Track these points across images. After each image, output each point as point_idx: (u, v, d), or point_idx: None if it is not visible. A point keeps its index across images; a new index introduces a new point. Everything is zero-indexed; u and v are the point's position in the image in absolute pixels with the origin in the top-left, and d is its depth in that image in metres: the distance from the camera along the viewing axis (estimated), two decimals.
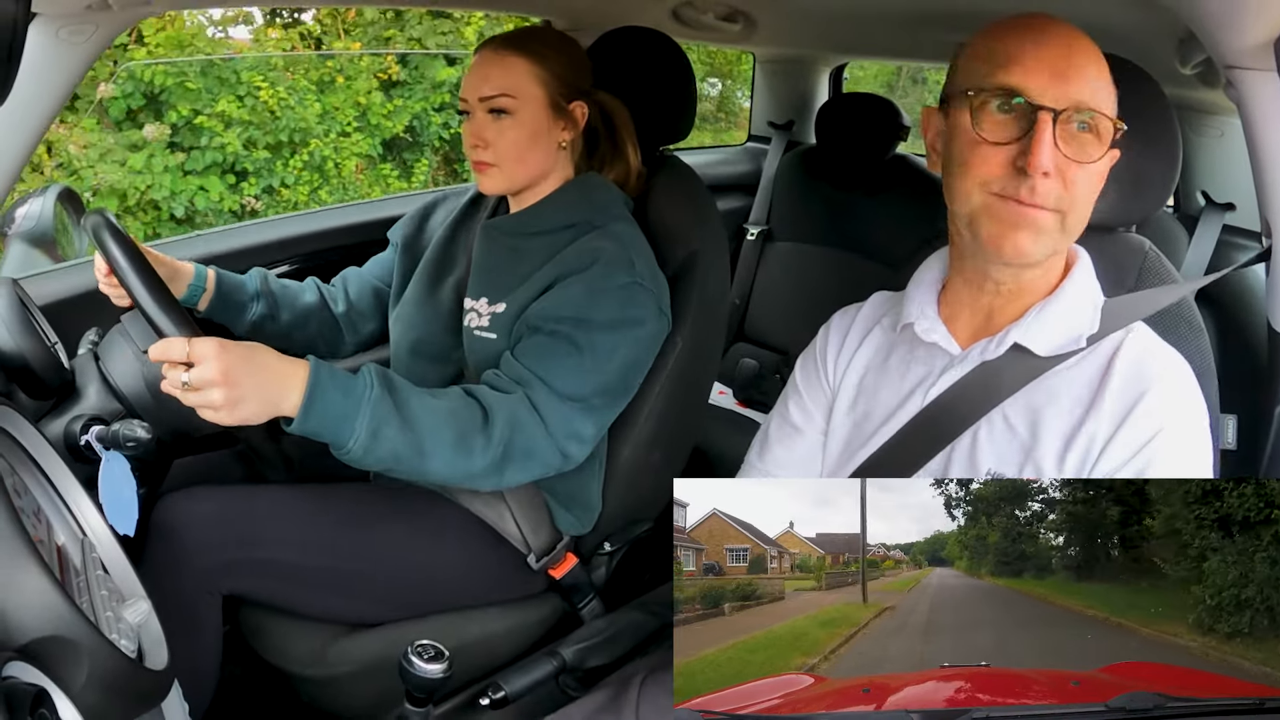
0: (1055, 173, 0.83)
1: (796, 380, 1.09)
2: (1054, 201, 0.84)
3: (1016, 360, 0.91)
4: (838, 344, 1.06)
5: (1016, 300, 0.93)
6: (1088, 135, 0.84)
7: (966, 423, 0.92)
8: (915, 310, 0.98)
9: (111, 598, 0.86)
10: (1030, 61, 0.83)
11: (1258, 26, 0.92)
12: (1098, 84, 0.85)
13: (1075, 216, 0.87)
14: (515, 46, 1.29)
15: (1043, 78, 0.83)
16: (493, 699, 1.17)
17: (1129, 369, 0.88)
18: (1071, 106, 0.83)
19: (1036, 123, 0.82)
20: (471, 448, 1.13)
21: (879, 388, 1.01)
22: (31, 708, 0.62)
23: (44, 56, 1.11)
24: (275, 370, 1.01)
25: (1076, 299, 0.92)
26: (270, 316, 1.45)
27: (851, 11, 1.98)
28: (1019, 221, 0.85)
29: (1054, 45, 0.84)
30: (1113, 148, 0.87)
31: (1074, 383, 0.90)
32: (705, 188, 1.49)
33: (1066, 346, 0.90)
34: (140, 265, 1.04)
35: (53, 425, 1.11)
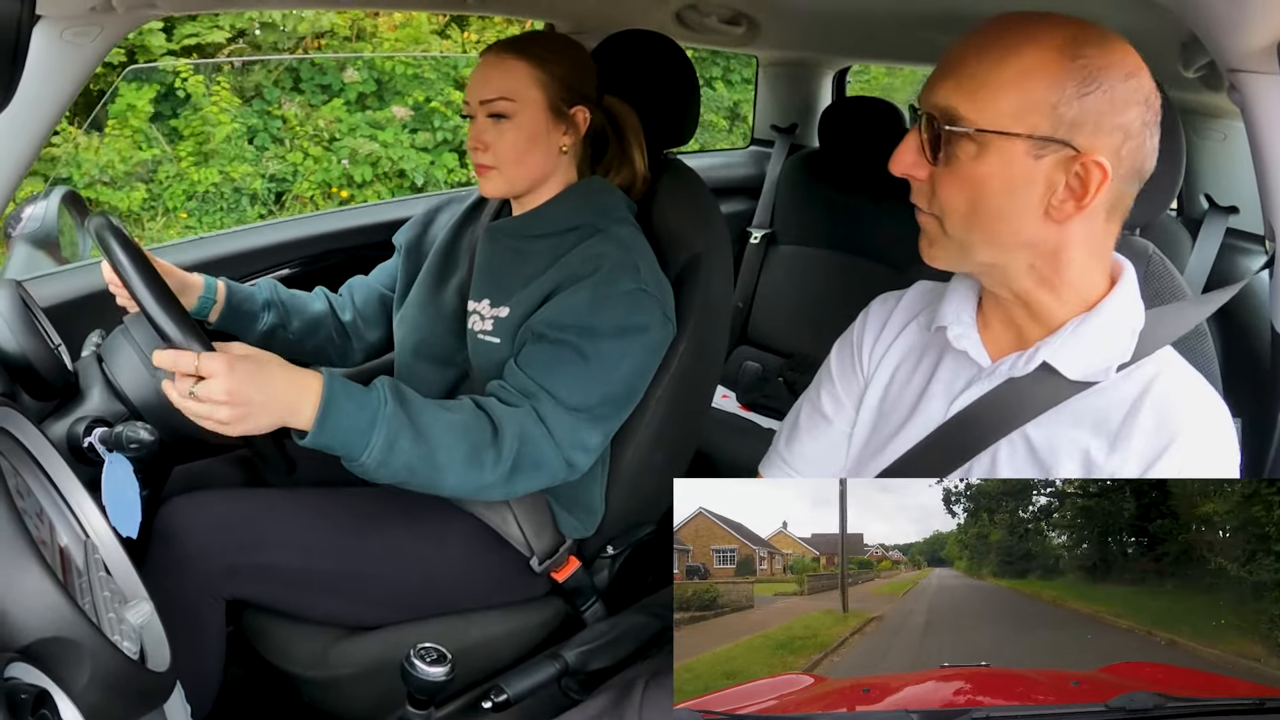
0: (926, 176, 0.84)
1: (831, 367, 1.06)
2: (926, 204, 0.86)
3: (1044, 380, 0.87)
4: (875, 332, 1.03)
5: (1044, 316, 0.88)
6: (958, 140, 0.81)
7: (988, 440, 0.89)
8: (951, 314, 0.94)
9: (114, 599, 0.86)
10: (934, 72, 0.84)
11: (1261, 30, 0.91)
12: (984, 85, 0.79)
13: (955, 224, 0.84)
14: (516, 50, 1.29)
15: (929, 85, 0.83)
16: (495, 702, 1.16)
17: (1162, 409, 0.83)
18: (938, 110, 0.81)
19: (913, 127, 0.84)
20: (483, 461, 1.13)
21: (907, 387, 0.98)
22: (33, 709, 0.63)
23: (48, 58, 1.12)
24: (286, 384, 1.01)
25: (1114, 319, 0.86)
26: (281, 326, 1.46)
27: (855, 15, 1.98)
28: (919, 224, 0.88)
29: (954, 48, 0.83)
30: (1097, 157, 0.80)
31: (1103, 412, 0.86)
32: (708, 191, 1.49)
33: (1095, 375, 0.86)
34: (144, 267, 1.04)
35: (56, 427, 1.11)
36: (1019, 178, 0.80)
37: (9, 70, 0.58)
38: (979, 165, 0.81)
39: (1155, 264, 1.05)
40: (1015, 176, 0.80)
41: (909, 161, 0.85)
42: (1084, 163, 0.79)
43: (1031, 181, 0.80)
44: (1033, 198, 0.81)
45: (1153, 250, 1.06)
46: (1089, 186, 0.80)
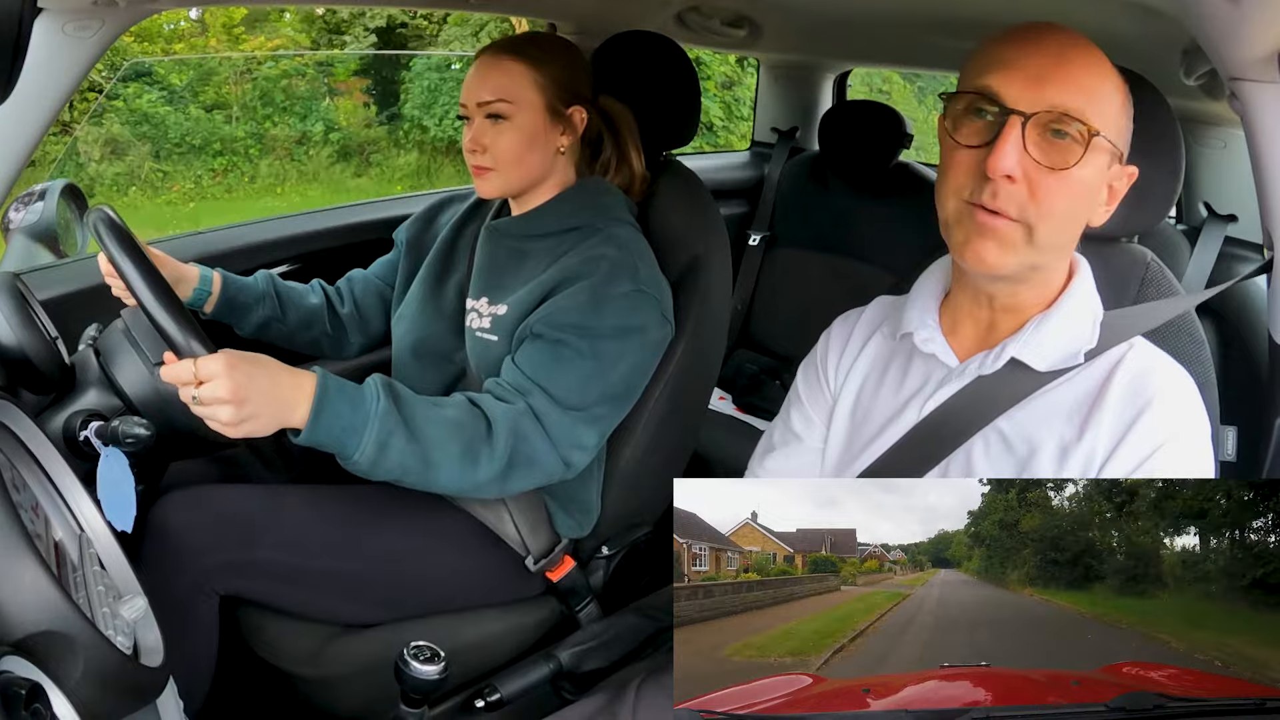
0: (1022, 179, 0.80)
1: (799, 388, 1.09)
2: (1017, 210, 0.81)
3: (1014, 375, 0.89)
4: (839, 350, 1.05)
5: (1015, 314, 0.91)
6: (1066, 143, 0.81)
7: (962, 437, 0.91)
8: (916, 319, 0.96)
9: (108, 594, 0.86)
10: (1011, 66, 0.81)
11: (1262, 39, 0.91)
12: (1091, 94, 0.81)
13: (1046, 230, 0.82)
14: (513, 51, 1.29)
15: (1019, 81, 0.80)
16: (488, 701, 1.16)
17: (1130, 383, 0.86)
18: (1045, 110, 0.80)
19: (1005, 125, 0.80)
20: (477, 458, 1.13)
21: (877, 395, 1.00)
22: (26, 702, 0.62)
23: (49, 52, 1.11)
24: (282, 383, 1.02)
25: (1075, 312, 0.90)
26: (276, 319, 1.45)
27: (856, 19, 1.98)
28: (982, 229, 0.82)
29: (1042, 51, 0.81)
30: (1128, 165, 0.86)
31: (1072, 397, 0.88)
32: (708, 193, 1.49)
33: (1065, 362, 0.88)
34: (140, 261, 1.03)
35: (52, 420, 1.11)
36: (1098, 184, 0.85)
37: (10, 63, 0.58)
38: (1085, 170, 0.82)
39: (1153, 271, 1.05)
40: (1100, 183, 0.85)
41: (1013, 162, 0.80)
42: (1126, 172, 0.87)
43: (1101, 187, 0.86)
44: (1098, 203, 0.87)
45: (1151, 258, 1.06)
46: (1118, 193, 0.88)
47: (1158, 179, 1.03)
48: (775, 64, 2.84)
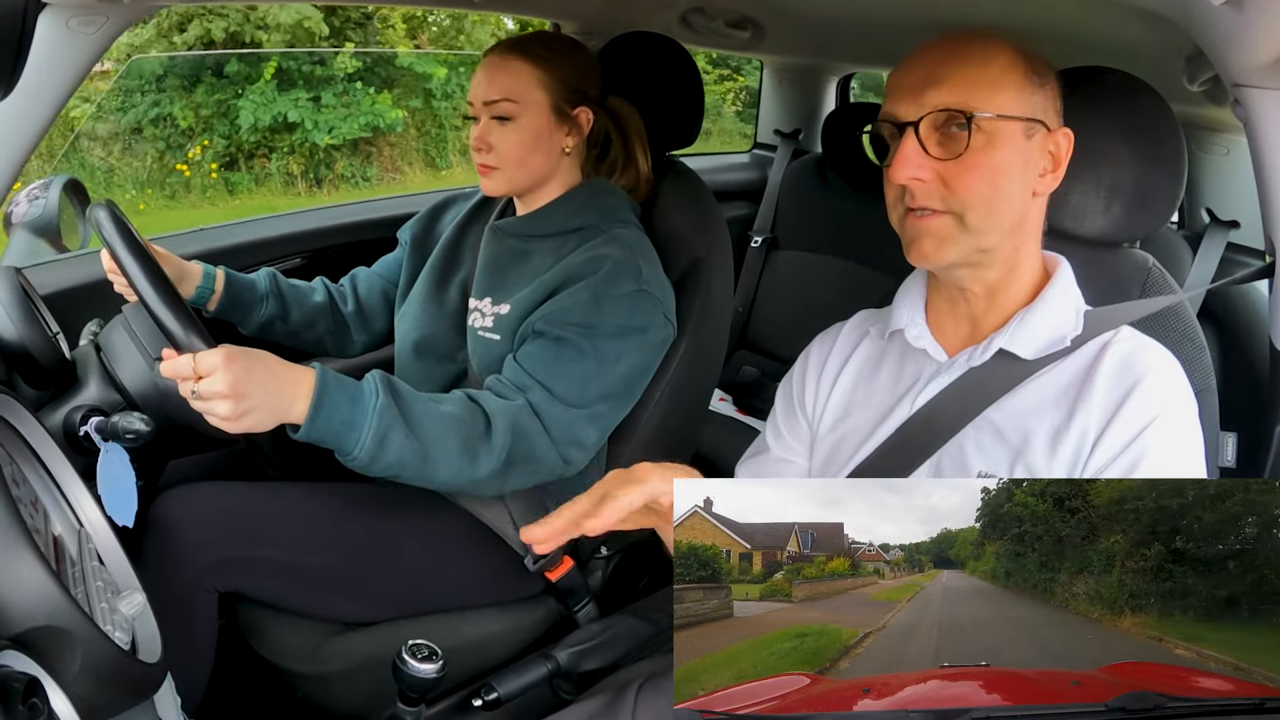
0: (934, 177, 0.88)
1: (777, 408, 1.11)
2: (940, 203, 0.89)
3: (1002, 365, 0.92)
4: (816, 372, 1.08)
5: (997, 310, 0.95)
6: (959, 133, 0.87)
7: (954, 429, 0.93)
8: (905, 317, 1.00)
9: (107, 589, 0.86)
10: (897, 88, 0.90)
11: (1266, 45, 0.91)
12: (974, 84, 0.87)
13: (976, 214, 0.88)
14: (519, 51, 1.29)
15: (904, 98, 0.89)
16: (485, 700, 1.16)
17: (1118, 363, 0.89)
18: (928, 113, 0.87)
19: (902, 138, 0.89)
20: (476, 454, 1.13)
21: (870, 395, 1.02)
22: (24, 697, 0.62)
23: (53, 47, 1.11)
24: (281, 379, 1.02)
25: (1058, 304, 0.94)
26: (279, 317, 1.45)
27: (860, 21, 1.98)
28: (916, 229, 0.91)
29: (920, 65, 0.89)
30: (1063, 128, 0.91)
31: (1061, 381, 0.91)
32: (711, 194, 1.49)
33: (1051, 347, 0.91)
34: (142, 256, 1.04)
35: (52, 415, 1.11)
36: (1020, 158, 0.89)
37: (13, 58, 0.58)
38: (993, 152, 0.88)
39: (1154, 276, 1.05)
40: (1018, 157, 0.89)
41: (914, 165, 0.88)
42: (1055, 138, 0.91)
43: (1028, 160, 0.90)
44: (1029, 175, 0.91)
45: (1152, 263, 1.06)
46: (1060, 158, 0.91)
47: (1160, 184, 1.03)
48: (779, 66, 2.84)
